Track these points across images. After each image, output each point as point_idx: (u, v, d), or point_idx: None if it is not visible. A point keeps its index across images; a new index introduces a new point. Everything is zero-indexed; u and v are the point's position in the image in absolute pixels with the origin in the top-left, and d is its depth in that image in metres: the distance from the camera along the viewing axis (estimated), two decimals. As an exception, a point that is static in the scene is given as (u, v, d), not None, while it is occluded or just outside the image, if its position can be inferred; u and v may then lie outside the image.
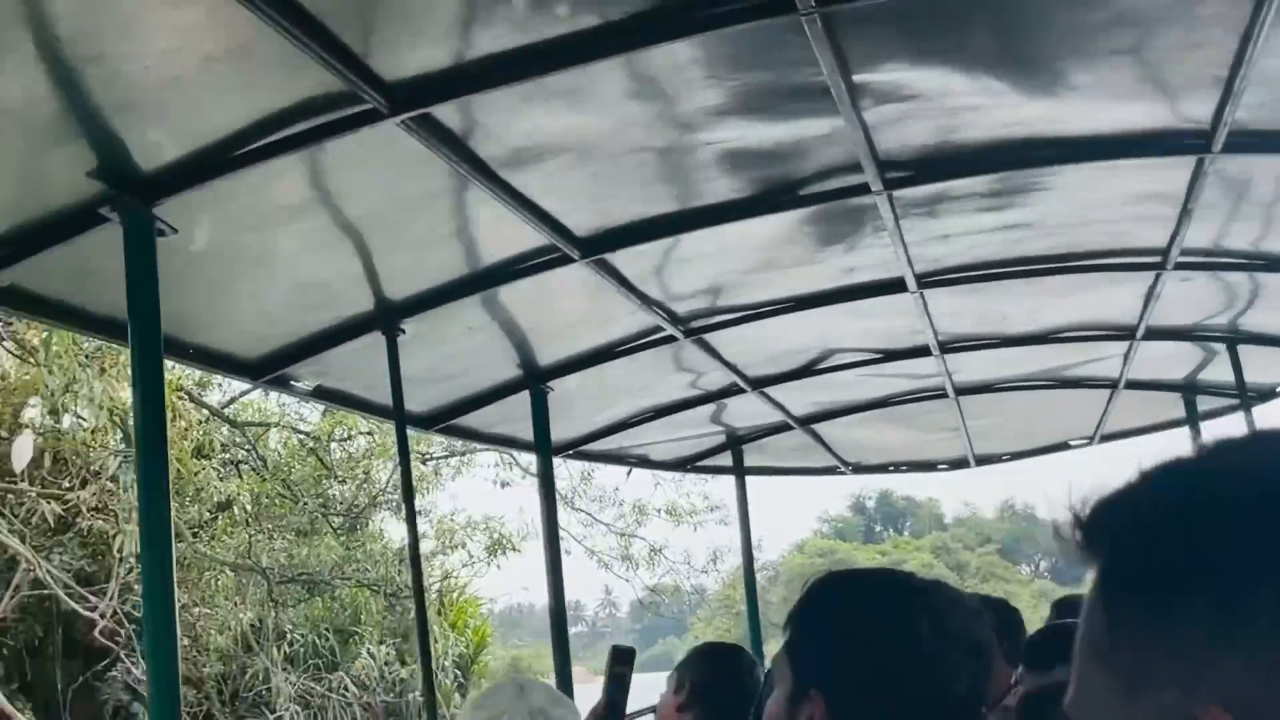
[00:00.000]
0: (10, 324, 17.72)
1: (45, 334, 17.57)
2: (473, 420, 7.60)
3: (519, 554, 25.87)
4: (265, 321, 5.73)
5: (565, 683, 6.96)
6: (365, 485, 24.02)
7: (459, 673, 25.26)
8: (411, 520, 6.30)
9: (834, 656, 2.10)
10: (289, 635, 22.49)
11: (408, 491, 6.33)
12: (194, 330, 5.43)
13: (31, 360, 19.04)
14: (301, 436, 24.08)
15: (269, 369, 5.95)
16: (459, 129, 4.20)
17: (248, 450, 22.79)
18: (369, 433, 23.54)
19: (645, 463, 10.85)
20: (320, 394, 6.57)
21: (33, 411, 20.22)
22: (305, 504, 22.67)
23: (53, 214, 4.18)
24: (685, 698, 4.06)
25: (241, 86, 3.79)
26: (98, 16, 3.30)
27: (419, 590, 6.08)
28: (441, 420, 7.37)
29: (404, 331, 5.83)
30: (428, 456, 23.86)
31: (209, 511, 21.71)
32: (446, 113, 4.05)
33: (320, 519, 23.01)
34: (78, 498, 19.56)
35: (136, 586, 20.13)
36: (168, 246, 4.28)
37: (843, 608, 2.17)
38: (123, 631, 19.39)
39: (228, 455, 22.23)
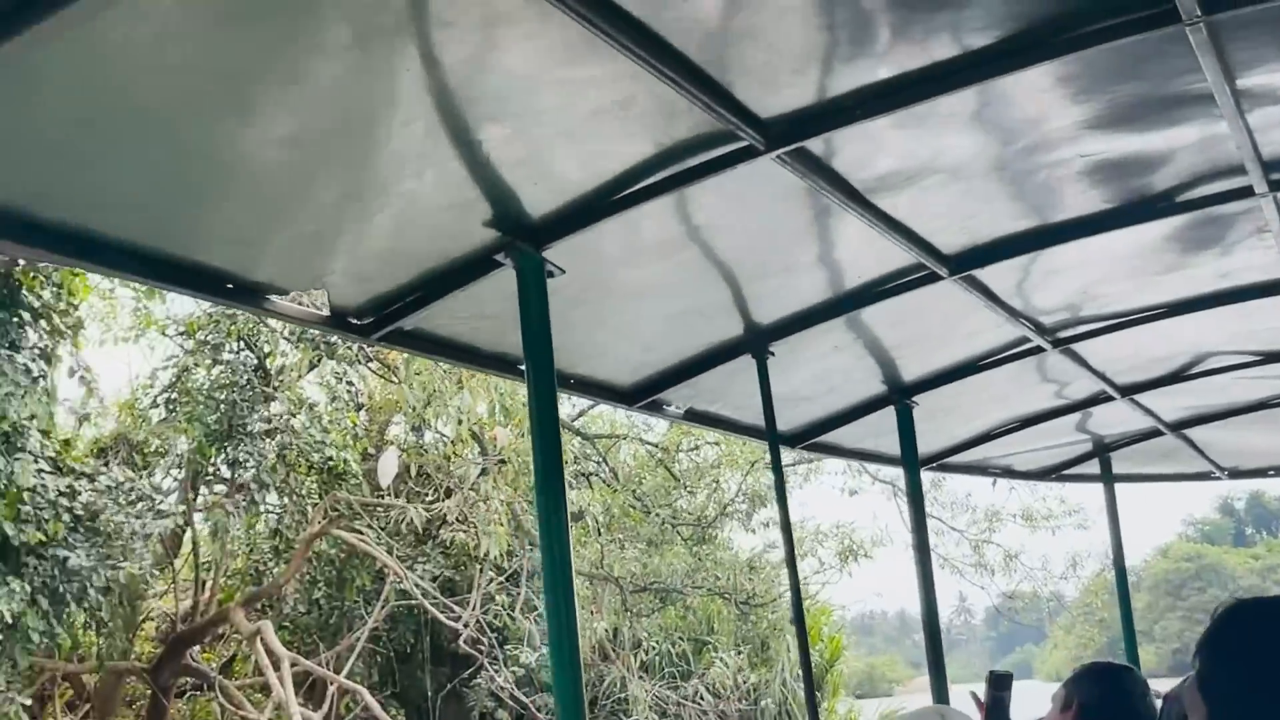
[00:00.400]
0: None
1: (406, 354, 18.71)
2: (838, 437, 7.68)
3: (870, 560, 25.63)
4: (641, 350, 5.96)
5: (942, 698, 6.93)
6: (715, 494, 24.20)
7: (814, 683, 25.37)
8: (788, 533, 6.41)
9: (1250, 690, 2.05)
10: (644, 644, 22.95)
11: (783, 509, 6.43)
12: (575, 362, 5.71)
13: (394, 380, 19.99)
14: (650, 448, 24.62)
15: (644, 395, 6.19)
16: (830, 159, 4.28)
17: (598, 462, 23.40)
18: (716, 443, 23.80)
19: (1009, 473, 10.66)
20: (691, 416, 6.78)
21: (397, 429, 21.44)
22: (655, 514, 23.08)
23: (453, 262, 4.49)
24: (1073, 718, 4.00)
25: (625, 134, 3.98)
26: (495, 80, 3.53)
27: (798, 607, 6.18)
28: (808, 437, 7.48)
29: (773, 354, 5.96)
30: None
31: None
32: (818, 144, 4.14)
33: (670, 529, 23.37)
34: (441, 508, 20.67)
35: (498, 596, 21.04)
36: (554, 285, 4.52)
37: (1257, 639, 2.11)
38: (484, 640, 20.30)
39: (579, 467, 22.85)
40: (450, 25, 3.22)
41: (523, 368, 5.19)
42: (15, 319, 18.36)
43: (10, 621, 17.31)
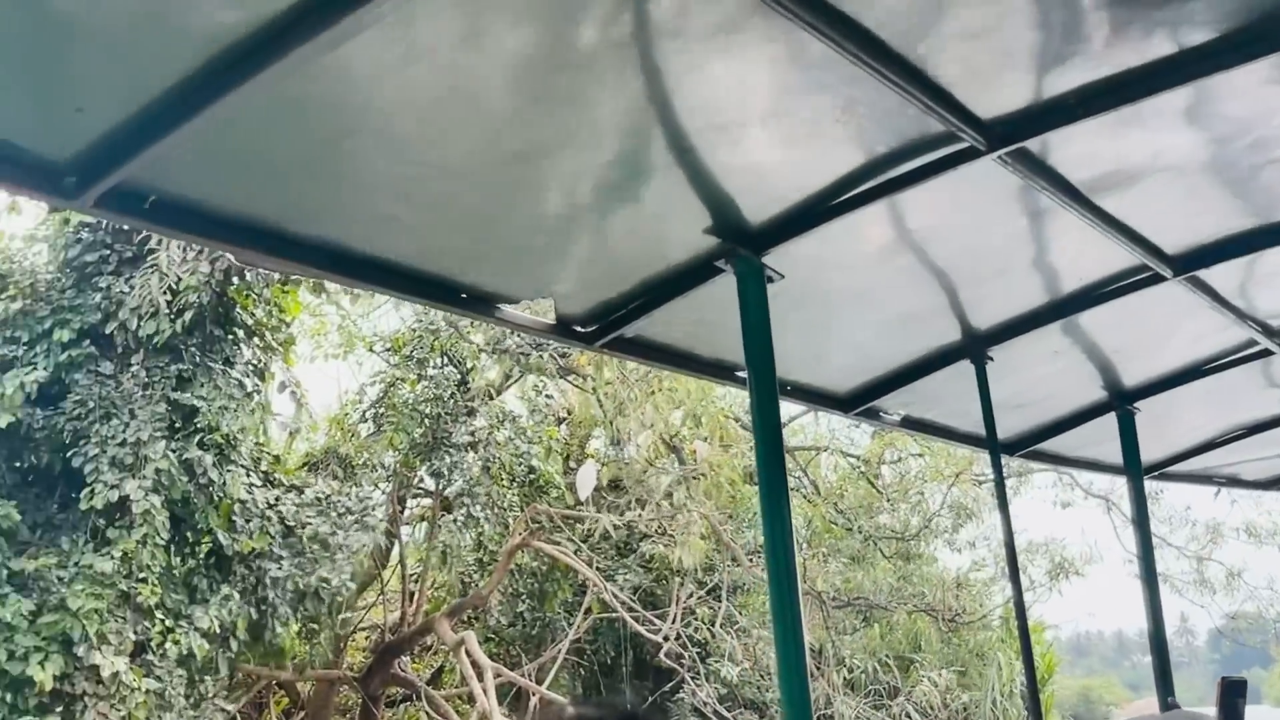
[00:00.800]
0: (566, 355, 19.16)
1: (595, 363, 18.93)
2: (1058, 444, 7.55)
3: (1082, 579, 24.85)
4: (858, 356, 5.98)
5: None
6: (918, 507, 23.77)
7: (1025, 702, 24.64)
8: (1010, 543, 6.34)
9: None
10: (847, 661, 22.70)
11: (1005, 516, 6.38)
12: (792, 368, 5.76)
13: (587, 390, 20.27)
14: (851, 460, 24.37)
15: (860, 401, 6.21)
16: (1050, 158, 4.26)
17: (798, 475, 23.26)
18: (920, 454, 23.42)
19: (1235, 482, 10.31)
20: (908, 424, 6.76)
21: (598, 442, 21.66)
22: (858, 528, 22.80)
23: (674, 269, 4.60)
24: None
25: (844, 138, 4.03)
26: (718, 88, 3.63)
27: (1023, 621, 6.11)
28: (1027, 445, 7.38)
29: (991, 359, 5.91)
30: (982, 479, 23.43)
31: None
32: (1038, 144, 4.12)
33: (872, 544, 23.07)
34: (637, 520, 20.84)
35: (699, 609, 21.10)
36: (772, 291, 4.59)
37: None
38: (686, 654, 20.37)
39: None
40: (677, 35, 3.33)
41: (740, 374, 5.29)
42: (230, 335, 19.19)
43: (219, 630, 18.05)
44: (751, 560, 20.97)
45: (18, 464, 18.26)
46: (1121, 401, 7.07)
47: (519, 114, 3.55)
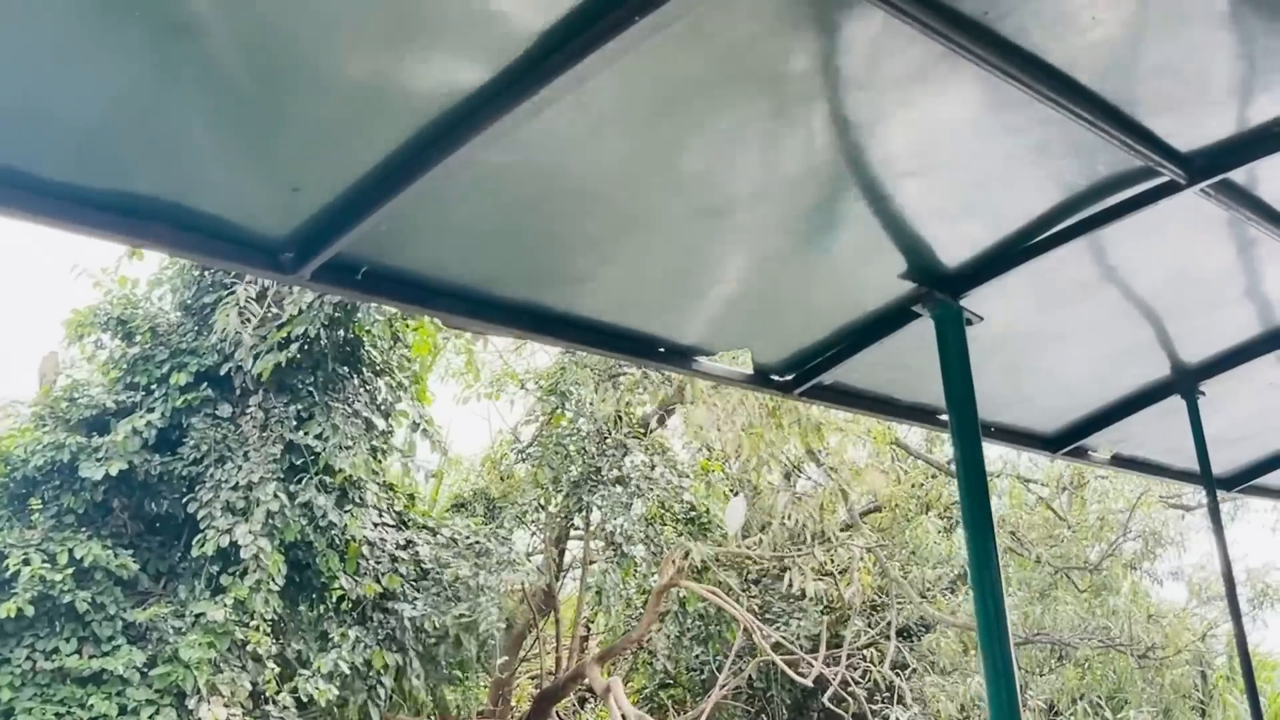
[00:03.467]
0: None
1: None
2: (1276, 479, 7.28)
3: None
4: (1064, 395, 5.88)
5: None
6: (1102, 535, 22.53)
7: None
8: (1230, 583, 6.12)
9: None
10: (1053, 704, 21.83)
11: (1224, 556, 6.16)
12: (996, 409, 5.70)
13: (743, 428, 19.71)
14: (1032, 484, 23.58)
15: (1068, 441, 6.10)
16: (1256, 188, 4.15)
17: None
18: (1104, 477, 22.47)
19: None
20: (1118, 462, 6.60)
21: (774, 475, 21.14)
22: (1038, 557, 21.92)
23: (871, 316, 4.61)
24: None
25: (1040, 178, 3.99)
26: (909, 135, 3.64)
27: (1247, 669, 5.89)
28: (1245, 480, 7.15)
29: (1203, 393, 5.75)
30: (1172, 500, 22.22)
31: (932, 569, 21.57)
32: (1242, 174, 4.02)
33: (1060, 576, 22.13)
34: (795, 558, 20.39)
35: (867, 652, 20.50)
36: (972, 334, 4.55)
37: None
38: (849, 699, 19.78)
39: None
40: (864, 88, 3.36)
41: (942, 417, 5.26)
42: (353, 374, 18.76)
43: (354, 677, 17.70)
44: (924, 597, 20.32)
45: (140, 512, 18.04)
46: (1343, 434, 6.81)
47: (710, 170, 3.61)
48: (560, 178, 3.53)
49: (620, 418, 19.87)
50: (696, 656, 21.85)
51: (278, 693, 17.29)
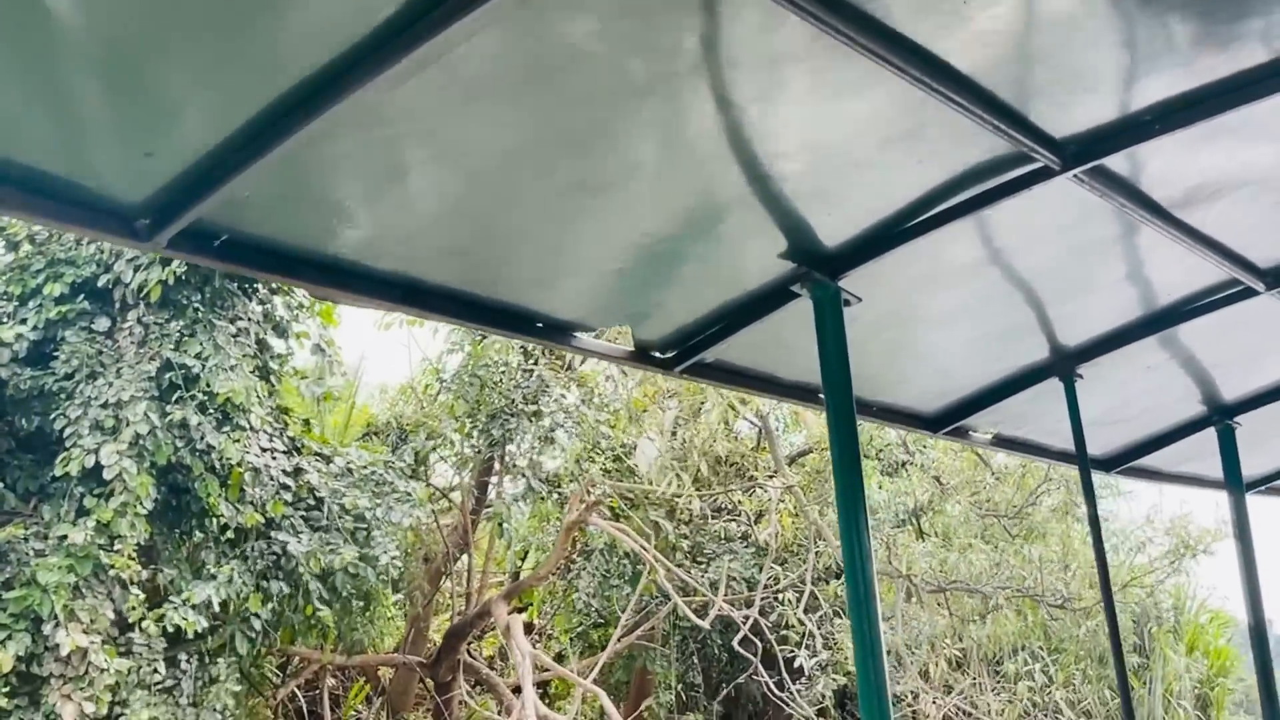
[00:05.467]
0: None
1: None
2: (1155, 460, 7.40)
3: (1210, 557, 23.31)
4: (943, 377, 5.92)
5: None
6: (1025, 482, 21.99)
7: (1196, 701, 23.25)
8: (1103, 565, 6.21)
9: None
10: (981, 652, 21.75)
11: (1098, 541, 6.26)
12: (876, 389, 5.72)
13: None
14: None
15: (948, 421, 6.15)
16: (1131, 175, 4.19)
17: (901, 450, 22.48)
18: None
19: (1346, 496, 10.02)
20: (999, 442, 6.67)
21: (713, 414, 20.75)
22: (964, 504, 21.78)
23: (751, 295, 4.60)
24: None
25: (916, 161, 3.99)
26: (784, 116, 3.62)
27: (1117, 650, 5.98)
28: (1122, 462, 7.25)
29: (1081, 376, 5.82)
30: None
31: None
32: (1117, 160, 4.05)
33: (979, 522, 22.05)
34: (719, 495, 20.28)
35: (783, 595, 20.44)
36: (850, 314, 4.56)
37: None
38: (757, 642, 19.75)
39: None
40: (738, 65, 3.32)
41: (821, 395, 5.26)
42: (242, 290, 17.78)
43: (217, 609, 16.83)
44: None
45: (10, 428, 17.26)
46: (1221, 416, 6.91)
47: (585, 145, 3.56)
48: (430, 149, 3.47)
49: (544, 352, 19.22)
50: (626, 596, 21.49)
51: (143, 620, 16.46)
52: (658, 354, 4.87)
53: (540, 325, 4.47)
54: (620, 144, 3.60)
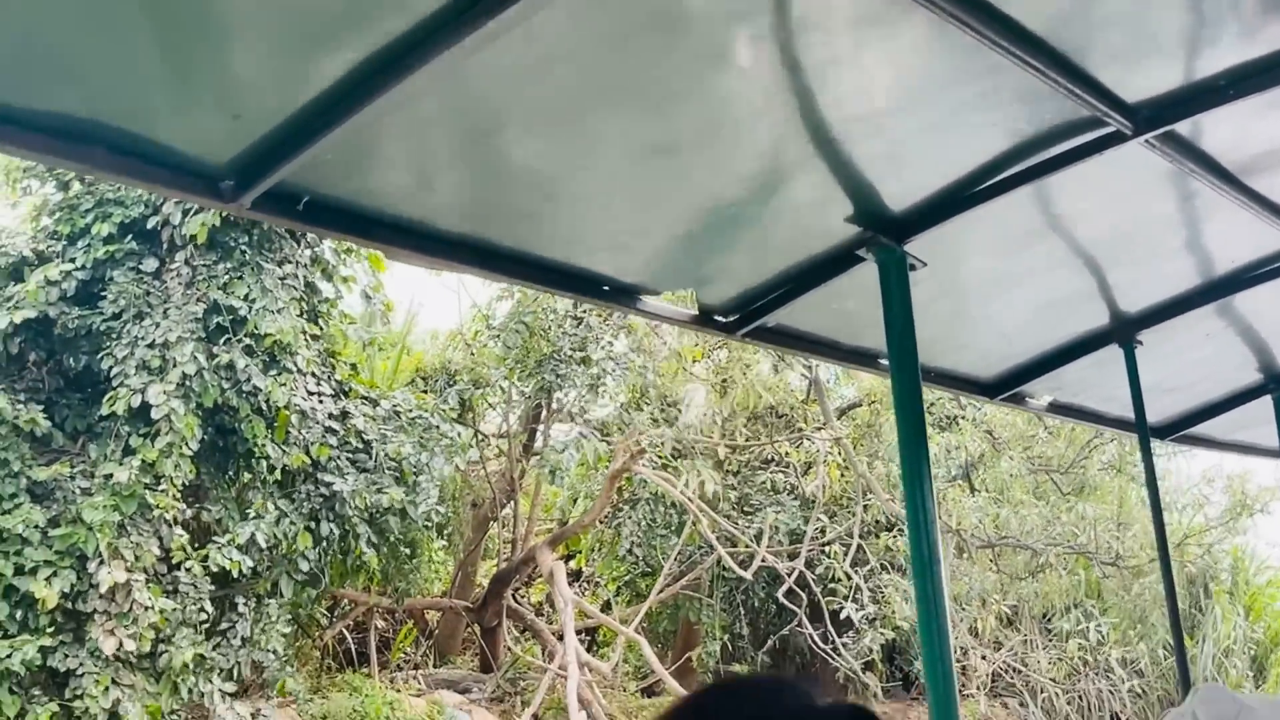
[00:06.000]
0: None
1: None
2: (1210, 428, 7.39)
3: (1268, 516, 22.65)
4: (1003, 341, 5.92)
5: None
6: (1077, 436, 21.53)
7: (1252, 663, 22.87)
8: (1161, 533, 6.21)
9: None
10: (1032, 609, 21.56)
11: (1156, 504, 6.25)
12: (935, 355, 5.72)
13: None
14: None
15: (1006, 387, 6.15)
16: (1201, 141, 4.18)
17: (953, 407, 22.27)
18: None
19: (1401, 466, 9.97)
20: (1055, 409, 6.68)
21: (765, 365, 20.47)
22: (1015, 459, 21.53)
23: (816, 259, 4.61)
24: None
25: (987, 125, 4.00)
26: (859, 79, 3.63)
27: (1174, 613, 5.99)
28: (1178, 429, 7.25)
29: (1140, 343, 5.82)
30: None
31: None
32: (1187, 126, 4.04)
33: (1035, 476, 21.77)
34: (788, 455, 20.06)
35: (830, 549, 20.37)
36: (914, 279, 4.57)
37: None
38: (804, 595, 19.73)
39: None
40: (815, 28, 3.34)
41: (883, 361, 5.29)
42: (292, 234, 17.56)
43: (266, 547, 17.00)
44: (891, 495, 20.04)
45: (59, 367, 17.33)
46: (1276, 384, 6.90)
47: (659, 108, 3.58)
48: (507, 112, 3.49)
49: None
50: (672, 545, 21.44)
51: (187, 559, 16.67)
52: (721, 318, 4.89)
53: (607, 288, 4.49)
54: (693, 107, 3.62)
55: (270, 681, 18.02)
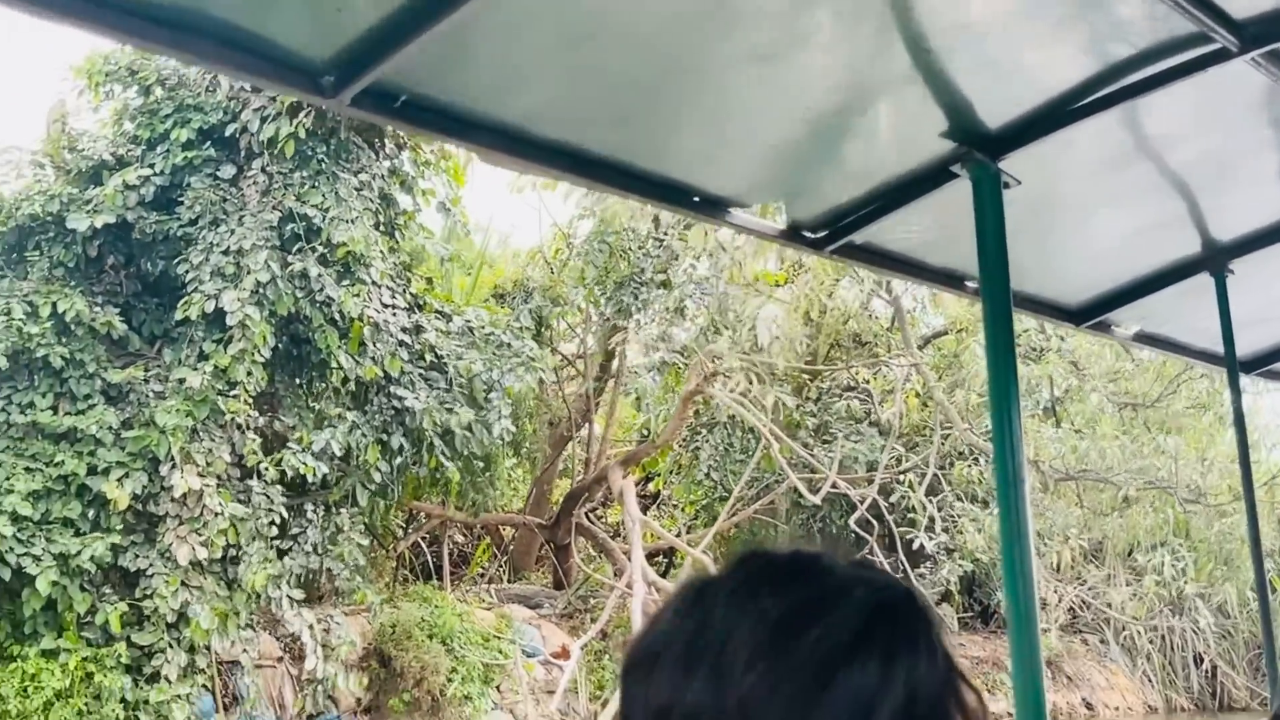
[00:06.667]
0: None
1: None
2: (1299, 363, 7.28)
3: None
4: (1091, 267, 5.85)
5: None
6: (1166, 370, 21.60)
7: None
8: (1246, 467, 6.15)
9: None
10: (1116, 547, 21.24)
11: (1243, 440, 6.18)
12: (1022, 278, 5.64)
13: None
14: None
15: (1092, 314, 6.07)
16: (1307, 59, 4.09)
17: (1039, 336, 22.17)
18: None
19: None
20: (1141, 339, 6.59)
21: (850, 292, 20.21)
22: (1097, 391, 21.17)
23: (908, 175, 4.57)
24: None
25: (1089, 39, 3.94)
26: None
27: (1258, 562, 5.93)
28: (1268, 362, 7.13)
29: (1232, 272, 5.72)
30: None
31: (978, 395, 20.95)
32: (1294, 44, 3.96)
33: (1121, 410, 21.38)
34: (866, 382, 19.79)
35: (905, 478, 20.28)
36: (1006, 199, 4.52)
37: None
38: (876, 524, 19.69)
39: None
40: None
41: (970, 284, 5.26)
42: (369, 144, 17.63)
43: (339, 456, 17.33)
44: (968, 424, 19.85)
45: (137, 272, 17.55)
46: (1370, 320, 6.78)
47: (757, 14, 3.57)
48: (607, 16, 3.49)
49: (675, 222, 18.87)
50: (732, 466, 21.40)
51: (260, 464, 16.99)
52: (809, 233, 4.86)
53: (697, 200, 4.49)
54: (791, 14, 3.60)
55: (344, 590, 18.32)
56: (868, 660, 1.15)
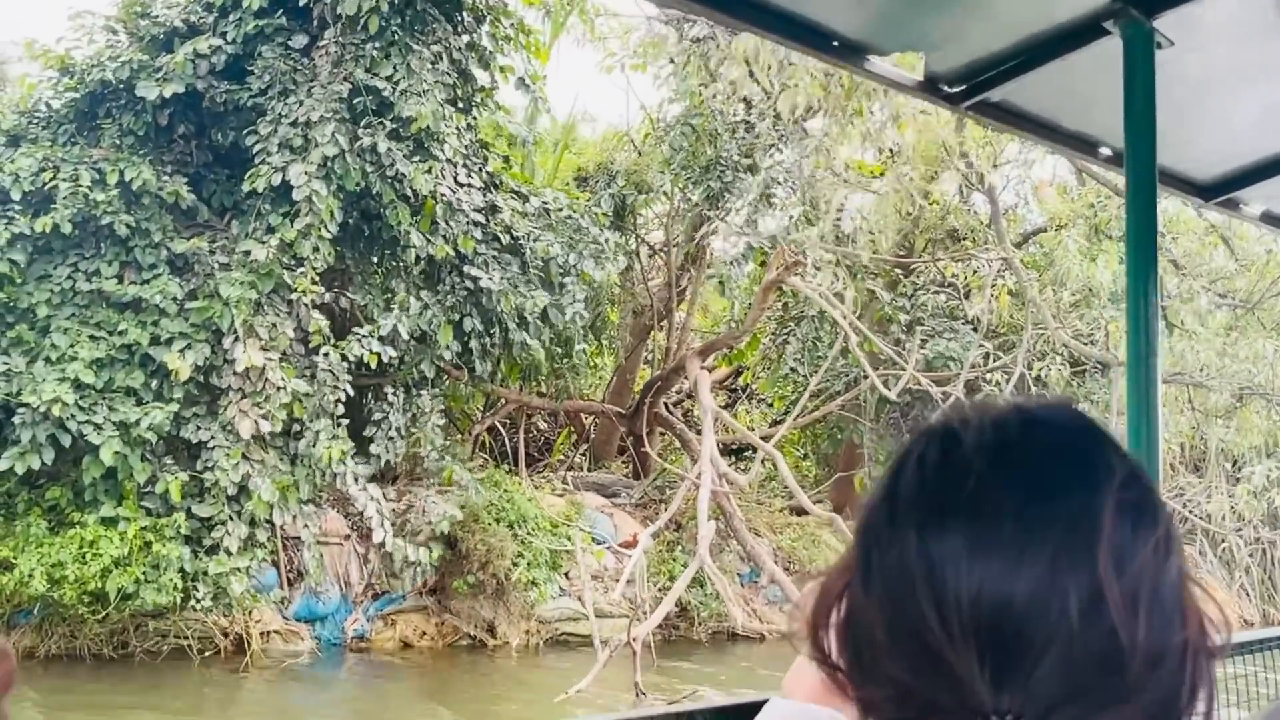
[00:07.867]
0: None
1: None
2: None
3: None
4: (1227, 141, 5.62)
5: None
6: (1269, 269, 21.22)
7: None
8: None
9: None
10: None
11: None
12: (1158, 148, 5.46)
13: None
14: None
15: (1222, 190, 5.85)
16: None
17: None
18: None
19: None
20: (1268, 219, 6.36)
21: (950, 185, 19.93)
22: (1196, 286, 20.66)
23: (1057, 29, 4.36)
24: None
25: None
26: None
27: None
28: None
29: (1373, 152, 5.48)
30: None
31: (1070, 293, 20.56)
32: None
33: (1213, 312, 20.92)
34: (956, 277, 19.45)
35: (991, 377, 19.90)
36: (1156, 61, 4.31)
37: None
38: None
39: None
40: None
41: (1103, 150, 5.07)
42: (446, 17, 17.29)
43: (409, 338, 17.29)
44: (1060, 323, 19.41)
45: (208, 142, 17.50)
46: None
47: None
48: None
49: (771, 110, 18.23)
50: (838, 365, 21.13)
51: (326, 342, 16.97)
52: (947, 87, 4.69)
53: (836, 44, 4.32)
54: None
55: (432, 470, 18.27)
56: None
